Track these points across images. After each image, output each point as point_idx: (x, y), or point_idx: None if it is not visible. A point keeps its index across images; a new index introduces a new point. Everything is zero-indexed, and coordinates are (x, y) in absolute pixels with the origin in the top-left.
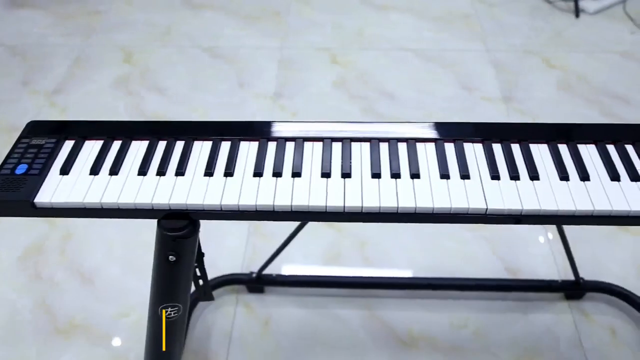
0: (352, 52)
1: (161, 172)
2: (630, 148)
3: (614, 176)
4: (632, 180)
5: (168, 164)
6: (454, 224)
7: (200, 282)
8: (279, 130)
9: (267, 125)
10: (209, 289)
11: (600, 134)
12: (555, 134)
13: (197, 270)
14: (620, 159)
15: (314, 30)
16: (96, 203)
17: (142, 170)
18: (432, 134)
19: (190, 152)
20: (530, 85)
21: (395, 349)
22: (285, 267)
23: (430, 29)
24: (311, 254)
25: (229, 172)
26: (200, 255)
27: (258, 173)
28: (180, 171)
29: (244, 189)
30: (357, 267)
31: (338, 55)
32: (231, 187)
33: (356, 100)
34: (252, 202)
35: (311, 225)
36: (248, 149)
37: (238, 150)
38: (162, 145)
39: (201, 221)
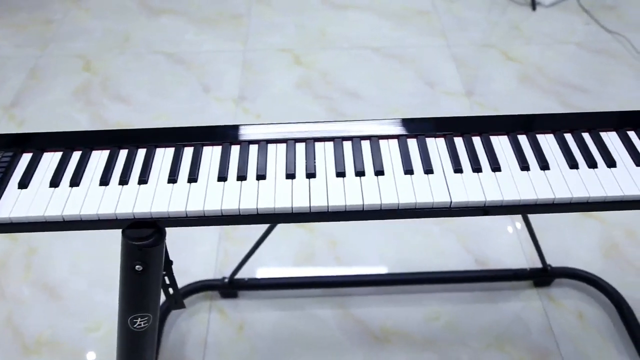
0: (314, 52)
1: (124, 181)
2: (586, 136)
3: (573, 164)
4: (589, 167)
5: (130, 172)
6: (423, 219)
7: (171, 290)
8: (241, 133)
9: (229, 128)
10: (179, 297)
11: (558, 124)
12: (515, 125)
13: (166, 278)
14: (578, 147)
15: (275, 32)
16: (57, 216)
17: (104, 180)
18: (395, 130)
19: (153, 159)
20: (491, 79)
21: (370, 346)
22: (258, 270)
23: (390, 27)
24: (283, 255)
25: (192, 178)
26: (169, 263)
27: (222, 177)
28: (143, 179)
29: (208, 194)
30: (330, 267)
31: (300, 56)
32: (196, 193)
33: (320, 100)
34: (217, 207)
35: (282, 227)
36: (211, 154)
37: (201, 155)
38: (123, 154)
39: (170, 228)
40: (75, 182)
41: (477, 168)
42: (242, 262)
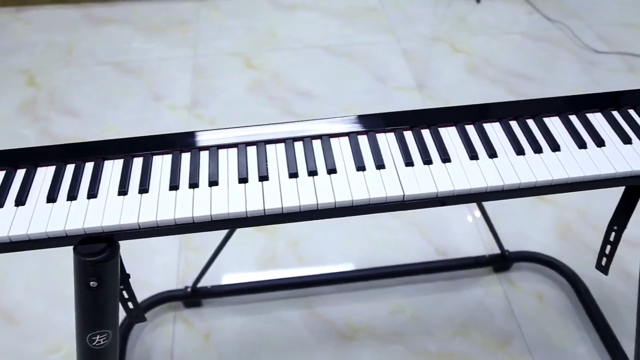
0: (265, 54)
1: (72, 196)
2: (531, 122)
3: (519, 150)
4: (535, 152)
5: (79, 187)
6: (382, 213)
7: (130, 304)
8: (191, 140)
9: (179, 136)
10: (139, 311)
11: (503, 112)
12: (462, 116)
13: (124, 292)
14: (523, 133)
15: (225, 36)
16: (4, 237)
17: (51, 197)
18: (346, 128)
19: (101, 172)
20: (440, 71)
21: (338, 343)
22: (221, 277)
23: (338, 25)
24: (245, 260)
25: (143, 189)
26: (125, 276)
27: (174, 186)
28: (92, 193)
29: (160, 204)
30: (293, 268)
31: (251, 59)
32: (147, 204)
33: (273, 102)
34: (171, 216)
35: (242, 231)
36: (162, 163)
37: (151, 165)
38: (70, 168)
39: (127, 241)
40: (20, 200)
41: (427, 160)
42: (204, 270)
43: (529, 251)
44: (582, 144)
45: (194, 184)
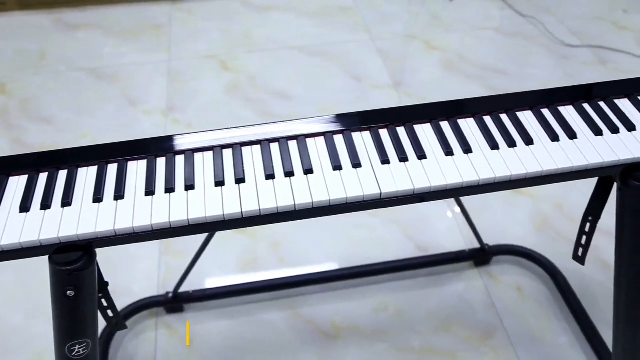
0: (241, 57)
1: (45, 205)
2: (504, 117)
3: (494, 145)
4: (509, 146)
5: (52, 195)
6: (362, 212)
7: (110, 312)
8: (166, 145)
9: (153, 141)
10: (119, 318)
11: (477, 107)
12: (437, 113)
13: (103, 300)
14: (497, 128)
15: (199, 39)
16: None
17: (24, 207)
18: (321, 128)
19: (75, 180)
20: (416, 69)
21: (322, 343)
22: (203, 281)
23: (313, 25)
24: (227, 263)
25: (119, 195)
26: (104, 284)
27: (150, 192)
28: (66, 201)
29: (136, 210)
30: (275, 269)
31: (227, 61)
32: (123, 210)
33: (250, 104)
34: (147, 222)
35: (223, 235)
36: (137, 169)
37: (126, 171)
38: (43, 177)
39: (107, 248)
40: None
41: (403, 158)
42: (185, 275)
43: (507, 244)
44: (554, 137)
45: (170, 189)
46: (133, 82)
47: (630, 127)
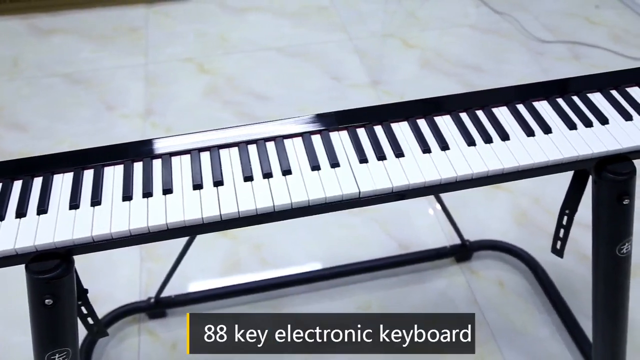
0: (218, 59)
1: (21, 213)
2: (480, 113)
3: (470, 141)
4: (485, 142)
5: (27, 203)
6: (343, 211)
7: (90, 319)
8: (143, 149)
9: (130, 146)
10: (100, 325)
11: (453, 104)
12: (414, 111)
13: (82, 308)
14: (473, 124)
15: (176, 42)
16: None
17: None
18: (299, 128)
19: (51, 187)
20: (394, 67)
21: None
22: (185, 285)
23: (290, 26)
24: (209, 267)
25: (96, 201)
26: (83, 291)
27: (127, 197)
28: (42, 209)
29: (114, 215)
30: (258, 271)
31: (204, 64)
32: (100, 216)
33: (229, 106)
34: (125, 227)
35: (205, 238)
36: (113, 174)
37: (102, 176)
38: (17, 185)
39: (87, 255)
40: None
41: (381, 156)
42: (166, 279)
43: (488, 239)
44: (530, 132)
45: (147, 194)
46: (110, 87)
47: (604, 120)
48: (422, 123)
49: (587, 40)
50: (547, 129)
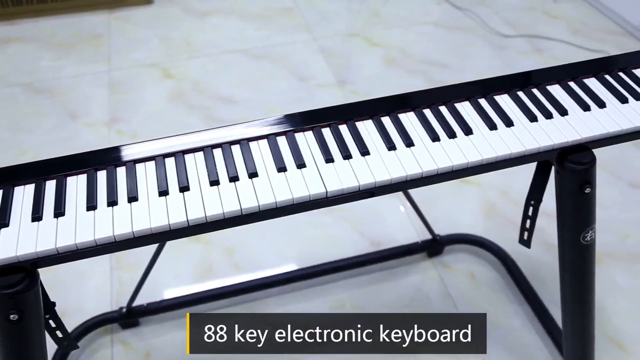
0: (183, 63)
1: None
2: (443, 109)
3: (434, 137)
4: (449, 137)
5: None
6: (314, 211)
7: (59, 332)
8: (107, 157)
9: (93, 154)
10: (70, 339)
11: (417, 101)
12: (378, 108)
13: (50, 321)
14: (437, 120)
15: (139, 47)
16: None
17: None
18: (264, 130)
19: (12, 199)
20: (359, 66)
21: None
22: (158, 293)
23: (255, 27)
24: (181, 273)
25: (59, 212)
26: (50, 305)
27: (91, 206)
28: (3, 222)
29: (79, 226)
30: (231, 275)
31: (169, 69)
32: (64, 227)
33: (195, 111)
34: (90, 237)
35: (176, 244)
36: (77, 184)
37: (65, 187)
38: None
39: (55, 267)
40: None
41: (347, 155)
42: (137, 288)
43: (458, 233)
44: (492, 126)
45: (112, 202)
46: (73, 95)
47: (563, 112)
48: (386, 121)
49: (547, 33)
50: (509, 122)
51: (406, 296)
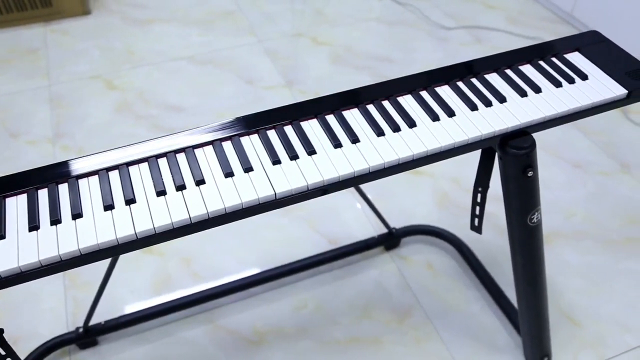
0: (126, 73)
1: None
2: (386, 103)
3: (379, 132)
4: (394, 131)
5: None
6: (270, 212)
7: None
8: (47, 174)
9: (33, 173)
10: None
11: (360, 97)
12: (322, 107)
13: (0, 349)
14: (381, 115)
15: (80, 60)
16: None
17: None
18: (209, 136)
19: None
20: (307, 66)
21: (247, 351)
22: (116, 309)
23: (198, 33)
24: (138, 287)
25: None
26: None
27: (34, 226)
28: None
29: (21, 247)
30: (190, 285)
31: (112, 80)
32: (5, 250)
33: (142, 121)
34: (34, 259)
35: (130, 257)
36: (16, 204)
37: (4, 208)
38: None
39: (5, 291)
40: None
41: (293, 156)
42: (93, 306)
43: (413, 225)
44: (435, 117)
45: (55, 220)
46: (12, 113)
47: (502, 99)
48: (331, 119)
49: (487, 24)
50: (450, 113)
51: (367, 291)
